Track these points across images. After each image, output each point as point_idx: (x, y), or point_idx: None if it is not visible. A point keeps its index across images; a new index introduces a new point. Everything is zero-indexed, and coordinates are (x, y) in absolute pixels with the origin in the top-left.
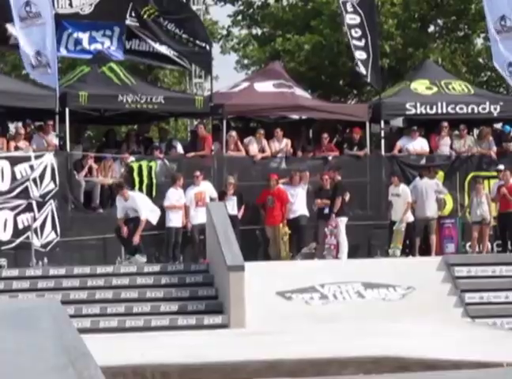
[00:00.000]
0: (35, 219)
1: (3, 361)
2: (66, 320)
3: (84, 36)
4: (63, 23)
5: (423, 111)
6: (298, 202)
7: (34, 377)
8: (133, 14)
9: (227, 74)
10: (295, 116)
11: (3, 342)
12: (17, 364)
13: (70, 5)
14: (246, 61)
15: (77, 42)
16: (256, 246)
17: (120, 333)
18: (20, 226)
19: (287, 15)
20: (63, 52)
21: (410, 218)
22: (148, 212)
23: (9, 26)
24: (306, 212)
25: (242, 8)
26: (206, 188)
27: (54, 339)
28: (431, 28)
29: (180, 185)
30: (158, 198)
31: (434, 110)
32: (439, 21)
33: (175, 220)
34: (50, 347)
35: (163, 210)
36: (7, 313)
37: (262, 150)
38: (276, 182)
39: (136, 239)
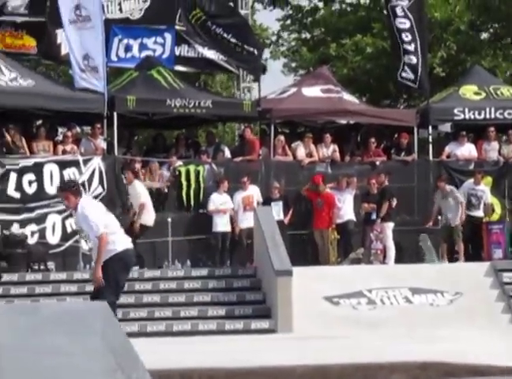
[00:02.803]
0: None
1: (56, 363)
2: (115, 324)
3: (134, 43)
4: (114, 28)
5: (472, 117)
6: (345, 207)
7: None
8: (181, 19)
9: (273, 77)
10: (343, 121)
11: (52, 345)
12: (66, 367)
13: (120, 10)
14: (293, 65)
15: (128, 48)
16: (304, 251)
17: (167, 337)
18: (69, 229)
19: (338, 20)
20: (114, 59)
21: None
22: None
23: (58, 33)
24: (353, 217)
25: (291, 12)
26: (254, 192)
27: (102, 342)
28: (484, 35)
29: (225, 189)
30: (205, 203)
31: (482, 116)
32: (490, 28)
33: (220, 225)
34: (98, 349)
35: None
36: (56, 316)
37: (310, 155)
38: (324, 186)
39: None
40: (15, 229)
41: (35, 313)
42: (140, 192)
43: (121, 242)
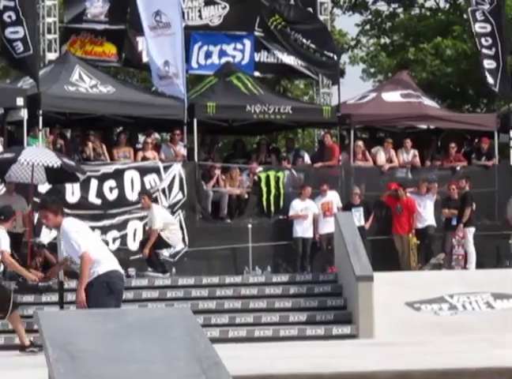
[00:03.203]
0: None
1: (138, 370)
2: (198, 330)
3: (214, 49)
4: (194, 35)
5: None
6: (426, 212)
7: None
8: (260, 25)
9: (351, 83)
10: (423, 126)
11: (136, 351)
12: (151, 373)
13: (200, 16)
14: (372, 70)
15: (208, 55)
16: (384, 257)
17: (249, 343)
18: None
19: (417, 24)
20: (194, 66)
21: None
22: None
23: (139, 40)
24: (433, 222)
25: (370, 17)
26: (333, 198)
27: (186, 348)
28: None
29: (307, 195)
30: (285, 208)
31: None
32: None
33: (300, 230)
34: (182, 356)
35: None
36: (140, 323)
37: (390, 160)
38: (402, 192)
39: (145, 252)
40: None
41: (120, 319)
42: (156, 217)
43: (103, 263)
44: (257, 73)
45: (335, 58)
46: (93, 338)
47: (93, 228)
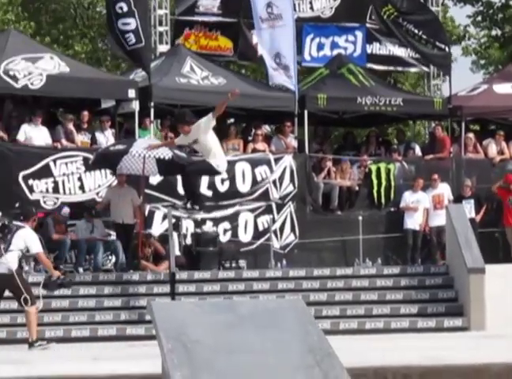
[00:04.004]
0: (274, 221)
1: (251, 361)
2: (311, 321)
3: (326, 41)
4: (306, 27)
5: None
6: None
7: (280, 376)
8: (372, 17)
9: (461, 75)
10: None
11: (250, 342)
12: (264, 364)
13: (311, 8)
14: (482, 62)
15: (320, 47)
16: (495, 249)
17: (360, 335)
18: (260, 227)
19: None
20: (307, 58)
21: None
22: None
23: (253, 33)
24: None
25: (481, 9)
26: (444, 190)
27: (299, 339)
28: None
29: (419, 187)
30: (396, 200)
31: None
32: None
33: (410, 223)
34: (295, 346)
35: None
36: (252, 314)
37: (501, 152)
38: None
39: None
40: (207, 227)
41: (232, 310)
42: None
43: None
44: (369, 65)
45: (447, 49)
46: (206, 329)
47: (205, 220)
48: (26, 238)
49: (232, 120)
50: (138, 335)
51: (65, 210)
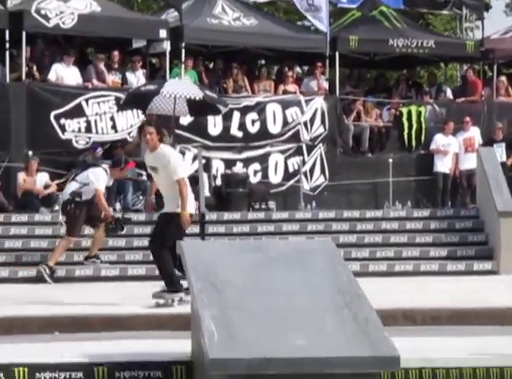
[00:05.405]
0: (304, 163)
1: (279, 301)
2: (341, 262)
3: None
4: None
5: None
6: None
7: (310, 316)
8: None
9: (496, 17)
10: None
11: (279, 283)
12: (293, 304)
13: None
14: None
15: None
16: None
17: (389, 277)
18: (290, 169)
19: None
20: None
21: None
22: None
23: None
24: None
25: None
26: (475, 133)
27: (329, 280)
28: None
29: (450, 130)
30: (427, 143)
31: None
32: None
33: (440, 165)
34: (325, 287)
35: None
36: (282, 255)
37: None
38: None
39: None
40: (237, 168)
41: (262, 250)
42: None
43: None
44: (403, 7)
45: None
46: (236, 269)
47: (235, 161)
48: (93, 173)
49: (263, 61)
50: None
51: (99, 150)
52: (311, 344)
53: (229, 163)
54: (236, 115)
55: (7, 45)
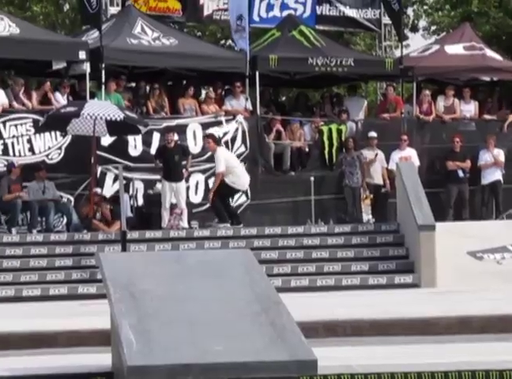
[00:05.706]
0: None
1: (197, 309)
2: (258, 270)
3: (276, 2)
4: None
5: None
6: None
7: (227, 323)
8: None
9: (413, 37)
10: (486, 78)
11: (197, 291)
12: (209, 312)
13: None
14: (433, 28)
15: (269, 8)
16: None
17: (311, 292)
18: None
19: None
20: (256, 19)
21: None
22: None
23: None
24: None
25: None
26: (412, 154)
27: (246, 288)
28: None
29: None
30: None
31: None
32: None
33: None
34: (242, 295)
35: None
36: (200, 264)
37: (452, 110)
38: None
39: (209, 196)
40: (158, 188)
41: (181, 261)
42: (219, 160)
43: None
44: (319, 26)
45: (399, 9)
46: (154, 279)
47: (154, 181)
48: None
49: (184, 82)
50: (90, 293)
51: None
52: (229, 349)
53: (150, 184)
54: (156, 136)
55: None
